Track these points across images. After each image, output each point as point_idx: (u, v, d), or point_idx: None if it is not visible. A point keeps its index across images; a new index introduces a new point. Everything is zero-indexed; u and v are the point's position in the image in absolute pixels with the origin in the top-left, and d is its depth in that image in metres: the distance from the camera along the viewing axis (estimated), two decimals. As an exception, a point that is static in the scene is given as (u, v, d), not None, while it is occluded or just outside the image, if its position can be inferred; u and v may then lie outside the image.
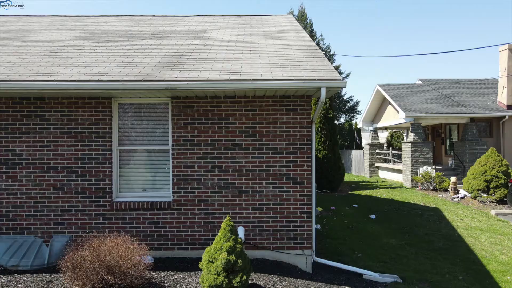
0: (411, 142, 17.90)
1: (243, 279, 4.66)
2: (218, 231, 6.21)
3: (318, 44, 31.24)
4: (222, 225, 4.93)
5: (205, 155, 6.23)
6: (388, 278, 6.26)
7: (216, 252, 4.78)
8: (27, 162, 6.18)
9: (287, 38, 8.28)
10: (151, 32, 9.03)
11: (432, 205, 12.88)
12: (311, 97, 6.27)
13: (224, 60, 6.57)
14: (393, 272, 6.64)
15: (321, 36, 38.35)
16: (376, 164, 23.54)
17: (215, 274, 4.68)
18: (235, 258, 4.70)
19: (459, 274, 6.57)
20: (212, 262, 4.77)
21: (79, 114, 6.20)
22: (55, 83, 5.49)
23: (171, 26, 9.76)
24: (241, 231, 6.00)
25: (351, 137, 32.58)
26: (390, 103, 20.36)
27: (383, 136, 28.34)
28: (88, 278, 4.44)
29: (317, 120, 16.92)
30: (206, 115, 6.23)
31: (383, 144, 24.41)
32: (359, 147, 30.28)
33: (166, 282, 5.18)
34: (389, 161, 22.22)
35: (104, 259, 4.49)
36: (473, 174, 13.94)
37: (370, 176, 23.47)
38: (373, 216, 11.25)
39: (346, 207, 12.94)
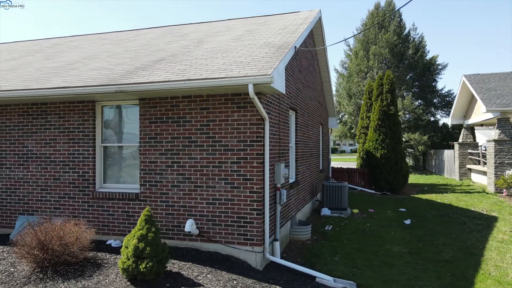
0: (494, 140, 15.44)
1: (148, 265, 5.01)
2: (176, 222, 6.67)
3: (408, 33, 28.75)
4: (141, 214, 5.37)
5: (166, 151, 6.72)
6: (340, 284, 5.87)
7: (130, 239, 5.24)
8: (36, 156, 7.53)
9: (278, 35, 8.22)
10: (168, 40, 9.87)
11: (493, 214, 11.04)
12: (261, 94, 6.24)
13: (188, 63, 6.96)
14: (358, 279, 6.16)
15: (413, 25, 35.44)
16: (468, 166, 20.75)
17: (126, 258, 5.15)
18: (144, 245, 5.10)
19: (433, 289, 5.76)
20: (127, 247, 5.24)
21: (70, 116, 7.30)
22: (36, 90, 6.64)
23: (191, 32, 10.48)
24: (188, 223, 6.32)
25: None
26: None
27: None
28: (29, 253, 5.35)
29: (375, 117, 15.85)
30: (167, 114, 6.71)
31: (477, 143, 21.35)
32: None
33: (106, 263, 5.83)
34: (479, 163, 19.41)
35: (40, 238, 5.34)
36: (558, 178, 11.47)
37: (460, 179, 20.80)
38: (408, 222, 10.24)
39: (390, 210, 11.96)
